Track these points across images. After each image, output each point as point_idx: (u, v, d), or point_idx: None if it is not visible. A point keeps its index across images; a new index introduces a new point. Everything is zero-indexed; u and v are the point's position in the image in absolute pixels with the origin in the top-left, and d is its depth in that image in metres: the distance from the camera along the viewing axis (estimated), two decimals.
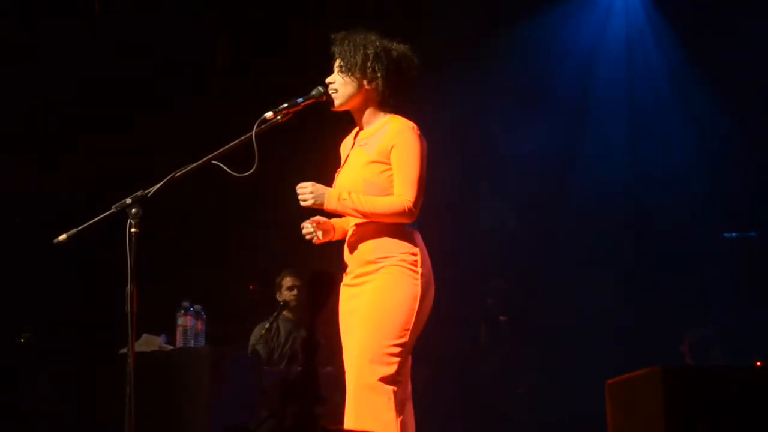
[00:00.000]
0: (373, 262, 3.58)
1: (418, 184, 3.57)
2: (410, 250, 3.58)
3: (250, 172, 3.47)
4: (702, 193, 7.49)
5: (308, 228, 3.71)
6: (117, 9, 6.77)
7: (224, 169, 3.48)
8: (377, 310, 3.52)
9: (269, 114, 3.60)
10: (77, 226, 3.46)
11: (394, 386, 3.46)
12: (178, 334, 4.87)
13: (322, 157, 4.25)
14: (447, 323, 5.85)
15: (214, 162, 3.50)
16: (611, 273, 7.60)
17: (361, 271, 3.62)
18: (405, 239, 3.59)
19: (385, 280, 3.55)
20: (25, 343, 5.86)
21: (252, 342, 6.34)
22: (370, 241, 3.60)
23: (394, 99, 3.70)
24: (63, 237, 3.46)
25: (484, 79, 7.52)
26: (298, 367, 6.09)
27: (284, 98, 3.65)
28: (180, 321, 4.88)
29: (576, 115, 7.89)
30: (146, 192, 3.42)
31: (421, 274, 3.56)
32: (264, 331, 6.24)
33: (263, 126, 3.57)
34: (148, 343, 4.85)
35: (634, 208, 7.77)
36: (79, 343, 6.09)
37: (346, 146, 3.86)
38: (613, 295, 7.53)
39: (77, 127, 6.85)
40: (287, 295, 6.53)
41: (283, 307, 6.35)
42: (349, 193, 3.57)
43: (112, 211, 3.42)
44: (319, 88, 3.68)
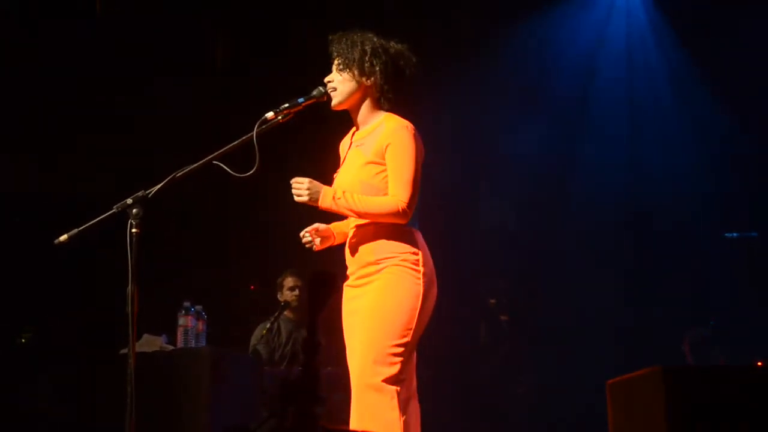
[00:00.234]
0: (374, 263, 3.57)
1: (412, 184, 3.55)
2: (411, 250, 3.56)
3: (251, 172, 3.46)
4: (702, 193, 7.49)
5: (307, 237, 3.73)
6: (117, 9, 6.77)
7: (225, 170, 3.48)
8: (379, 310, 3.51)
9: (270, 114, 3.59)
10: (78, 226, 3.46)
11: (397, 386, 3.46)
12: (179, 335, 4.87)
13: (322, 158, 4.24)
14: (447, 323, 5.85)
15: (215, 162, 3.50)
16: (611, 273, 7.60)
17: (363, 272, 3.61)
18: (406, 239, 3.58)
19: (387, 280, 3.54)
20: (26, 343, 5.85)
21: (253, 342, 6.34)
22: (371, 242, 3.59)
23: (393, 95, 3.68)
24: (64, 237, 3.46)
25: (484, 79, 7.52)
26: (299, 367, 6.10)
27: (285, 98, 3.65)
28: (181, 321, 4.88)
29: (576, 115, 7.88)
30: (147, 192, 3.42)
31: (422, 274, 3.55)
32: (265, 331, 6.24)
33: (264, 126, 3.57)
34: (149, 343, 4.85)
35: (634, 208, 7.76)
36: (80, 343, 6.10)
37: (344, 146, 3.86)
38: (613, 294, 7.53)
39: (77, 127, 6.85)
40: (288, 296, 6.52)
41: (284, 308, 6.34)
42: (344, 192, 3.56)
43: (113, 211, 3.42)
44: (320, 88, 3.68)
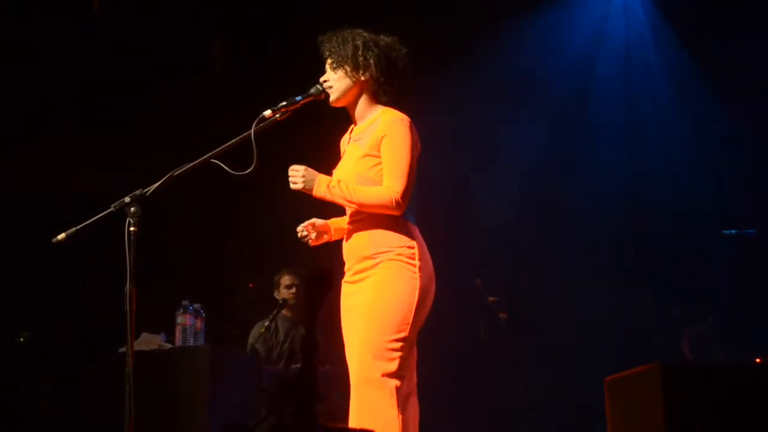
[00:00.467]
0: (370, 257, 3.56)
1: (407, 175, 3.52)
2: (407, 244, 3.54)
3: (249, 170, 3.47)
4: (701, 192, 7.48)
5: (303, 232, 3.74)
6: (115, 7, 6.76)
7: (223, 168, 3.48)
8: (376, 306, 3.50)
9: (268, 112, 3.60)
10: (76, 226, 3.47)
11: (396, 382, 3.45)
12: (178, 333, 4.86)
13: (320, 155, 4.24)
14: (447, 320, 5.85)
15: (213, 161, 3.50)
16: (610, 271, 7.59)
17: (360, 267, 3.60)
18: (401, 233, 3.55)
19: (384, 275, 3.52)
20: (24, 343, 5.85)
21: (251, 341, 6.34)
22: (367, 236, 3.58)
23: (390, 87, 3.68)
24: (62, 236, 3.47)
25: (484, 78, 7.51)
26: (297, 365, 6.08)
27: (283, 97, 3.65)
28: (179, 319, 4.87)
29: (575, 114, 7.87)
30: (145, 191, 3.42)
31: (419, 268, 3.53)
32: (263, 329, 6.24)
33: (262, 124, 3.57)
34: (148, 341, 4.84)
35: (634, 207, 7.75)
36: (78, 342, 6.10)
37: (344, 143, 3.86)
38: (613, 292, 7.51)
39: (77, 127, 6.85)
40: (286, 294, 6.52)
41: (283, 306, 6.34)
42: (338, 181, 3.55)
43: (111, 210, 3.42)
44: (318, 85, 3.68)
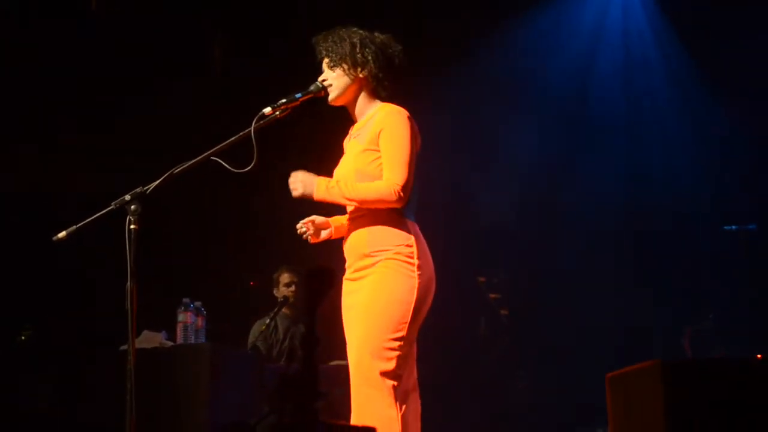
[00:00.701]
0: (369, 255, 3.56)
1: (407, 167, 3.51)
2: (406, 242, 3.53)
3: (249, 168, 3.47)
4: (701, 191, 7.48)
5: (303, 228, 3.75)
6: (114, 7, 6.75)
7: (223, 166, 3.48)
8: (374, 306, 3.50)
9: (268, 109, 3.59)
10: (76, 224, 3.47)
11: (394, 381, 3.45)
12: (179, 331, 4.87)
13: (321, 153, 4.24)
14: (447, 318, 5.86)
15: (213, 158, 3.50)
16: (610, 269, 7.60)
17: (359, 265, 3.60)
18: (401, 231, 3.55)
19: (382, 274, 3.52)
20: (25, 342, 5.85)
21: (251, 339, 6.34)
22: (366, 234, 3.58)
23: (388, 84, 3.68)
24: (62, 234, 3.47)
25: (483, 78, 7.52)
26: (298, 362, 6.09)
27: (283, 96, 3.65)
28: (180, 317, 4.87)
29: (575, 114, 7.87)
30: (145, 189, 3.42)
31: (418, 266, 3.52)
32: (264, 327, 6.24)
33: (262, 122, 3.57)
34: (149, 339, 4.85)
35: (634, 206, 7.75)
36: (80, 340, 6.10)
37: (346, 142, 3.86)
38: (613, 290, 7.52)
39: (77, 127, 6.85)
40: (285, 291, 6.53)
41: (283, 304, 6.35)
42: (337, 181, 3.56)
43: (111, 208, 3.42)
44: (317, 83, 3.68)
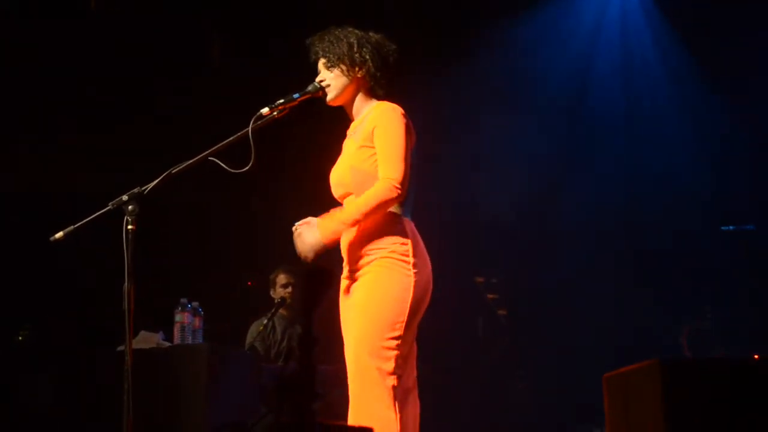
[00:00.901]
0: (364, 254, 3.55)
1: (403, 161, 3.48)
2: (401, 241, 3.51)
3: (247, 168, 3.46)
4: (700, 190, 7.49)
5: (298, 231, 3.74)
6: (113, 6, 6.75)
7: (221, 166, 3.48)
8: (370, 305, 3.48)
9: (265, 110, 3.59)
10: (74, 225, 3.47)
11: (393, 381, 3.43)
12: (176, 331, 4.87)
13: (317, 153, 4.24)
14: (446, 318, 5.86)
15: (210, 158, 3.50)
16: (609, 268, 7.60)
17: (355, 263, 3.59)
18: (396, 230, 3.53)
19: (377, 273, 3.50)
20: (23, 341, 5.85)
21: (249, 339, 6.33)
22: (360, 233, 3.56)
23: (384, 83, 3.68)
24: (60, 234, 3.47)
25: (482, 77, 7.52)
26: (295, 363, 6.09)
27: (282, 95, 3.65)
28: (177, 318, 4.87)
29: (574, 112, 7.87)
30: (143, 189, 3.42)
31: (413, 264, 3.49)
32: (261, 327, 6.24)
33: (259, 122, 3.57)
34: (146, 340, 4.84)
35: (633, 205, 7.76)
36: (77, 340, 6.10)
37: (345, 141, 3.86)
38: (612, 289, 7.53)
39: (77, 126, 6.85)
40: (282, 293, 6.52)
41: (281, 304, 6.34)
42: (332, 211, 3.52)
43: (108, 208, 3.42)
44: (315, 83, 3.68)
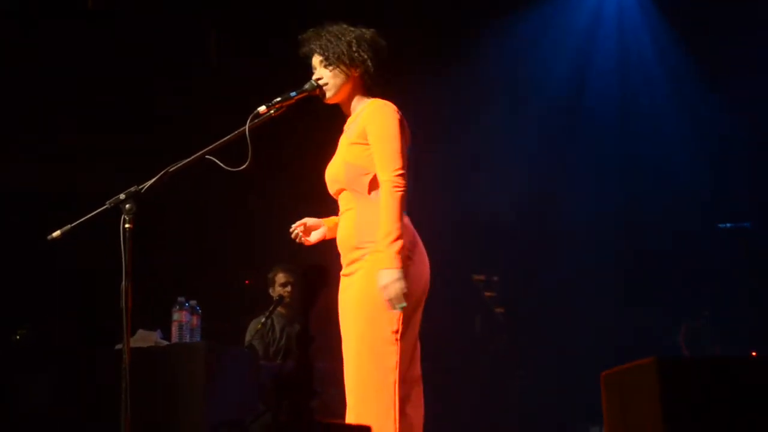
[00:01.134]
0: (357, 247, 3.54)
1: (400, 155, 3.49)
2: None
3: (244, 166, 3.46)
4: (698, 189, 7.49)
5: (295, 231, 3.74)
6: (111, 6, 6.74)
7: (218, 164, 3.48)
8: (366, 302, 3.47)
9: (262, 108, 3.59)
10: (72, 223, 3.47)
11: (394, 376, 3.42)
12: (174, 330, 4.87)
13: (315, 151, 4.24)
14: (443, 316, 5.85)
15: (207, 157, 3.50)
16: (608, 266, 7.60)
17: (350, 258, 3.58)
18: None
19: (369, 269, 3.48)
20: (20, 341, 5.85)
21: (248, 338, 6.34)
22: (354, 227, 3.56)
23: (380, 80, 3.68)
24: (57, 233, 3.47)
25: (480, 76, 7.53)
26: (293, 361, 6.09)
27: (280, 94, 3.65)
28: (175, 316, 4.87)
29: (572, 111, 7.88)
30: (140, 187, 3.42)
31: (406, 257, 3.44)
32: (260, 326, 6.24)
33: (256, 120, 3.57)
34: (144, 338, 4.85)
35: (631, 204, 7.76)
36: (75, 339, 6.10)
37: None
38: (611, 288, 7.53)
39: (77, 126, 6.84)
40: (281, 291, 6.52)
41: (279, 302, 6.35)
42: (376, 249, 3.45)
43: (105, 206, 3.42)
44: (312, 81, 3.68)
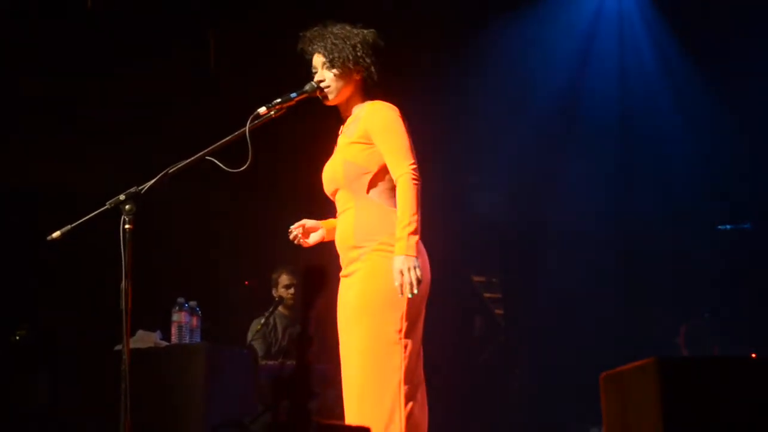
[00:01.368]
0: (355, 247, 3.54)
1: (410, 150, 3.52)
2: (390, 232, 3.46)
3: (244, 167, 3.47)
4: (697, 189, 7.49)
5: (294, 233, 3.74)
6: (111, 6, 6.74)
7: (218, 165, 3.48)
8: (366, 303, 3.47)
9: (262, 109, 3.60)
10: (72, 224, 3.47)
11: (400, 375, 3.40)
12: (174, 330, 4.86)
13: (314, 152, 4.24)
14: (442, 317, 5.85)
15: (207, 158, 3.51)
16: (607, 266, 7.61)
17: (349, 257, 3.58)
18: (386, 222, 3.50)
19: (368, 269, 3.49)
20: (19, 341, 5.85)
21: (249, 337, 6.34)
22: (352, 226, 3.56)
23: (382, 83, 3.69)
24: (57, 234, 3.47)
25: (480, 76, 7.53)
26: (292, 362, 6.10)
27: (279, 95, 3.65)
28: (175, 317, 4.87)
29: (572, 111, 7.88)
30: (140, 188, 3.42)
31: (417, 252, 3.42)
32: (260, 326, 6.24)
33: (257, 121, 3.57)
34: (144, 339, 4.84)
35: (631, 204, 7.76)
36: (74, 340, 6.09)
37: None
38: (611, 288, 7.53)
39: (76, 127, 6.84)
40: (284, 293, 6.53)
41: (279, 303, 6.35)
42: (394, 236, 3.43)
43: (105, 207, 3.42)
44: (312, 83, 3.68)
